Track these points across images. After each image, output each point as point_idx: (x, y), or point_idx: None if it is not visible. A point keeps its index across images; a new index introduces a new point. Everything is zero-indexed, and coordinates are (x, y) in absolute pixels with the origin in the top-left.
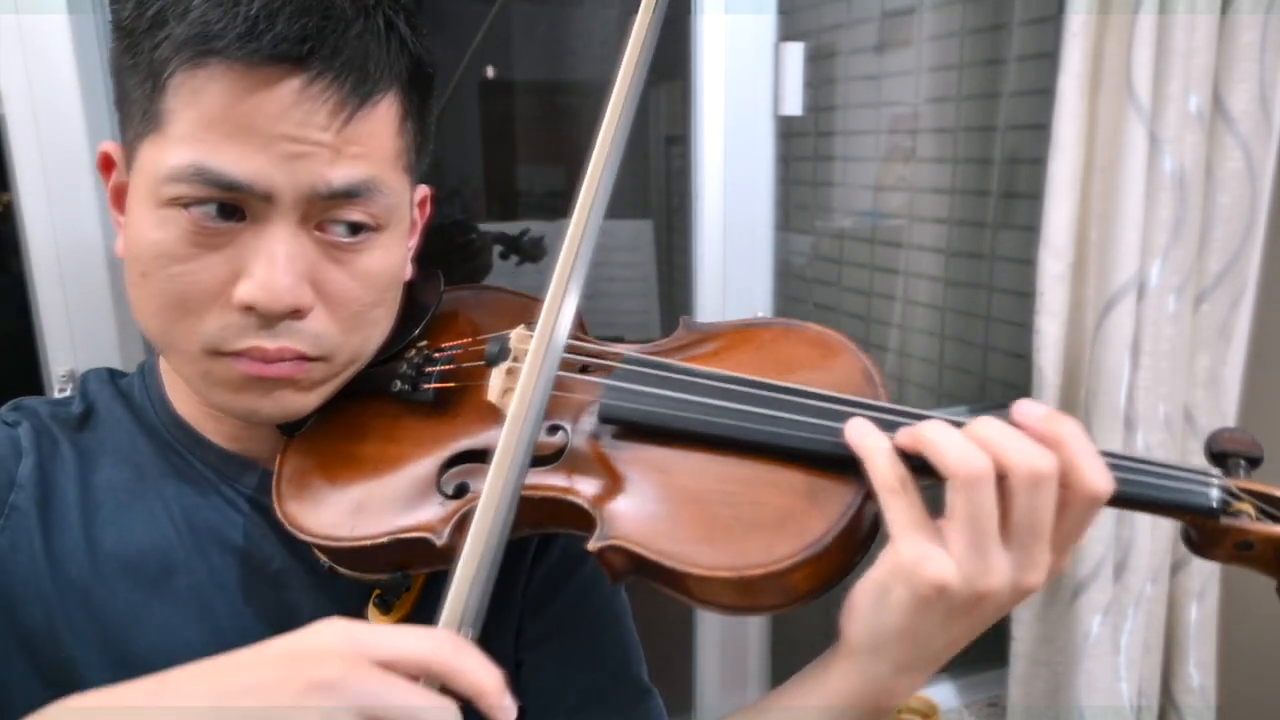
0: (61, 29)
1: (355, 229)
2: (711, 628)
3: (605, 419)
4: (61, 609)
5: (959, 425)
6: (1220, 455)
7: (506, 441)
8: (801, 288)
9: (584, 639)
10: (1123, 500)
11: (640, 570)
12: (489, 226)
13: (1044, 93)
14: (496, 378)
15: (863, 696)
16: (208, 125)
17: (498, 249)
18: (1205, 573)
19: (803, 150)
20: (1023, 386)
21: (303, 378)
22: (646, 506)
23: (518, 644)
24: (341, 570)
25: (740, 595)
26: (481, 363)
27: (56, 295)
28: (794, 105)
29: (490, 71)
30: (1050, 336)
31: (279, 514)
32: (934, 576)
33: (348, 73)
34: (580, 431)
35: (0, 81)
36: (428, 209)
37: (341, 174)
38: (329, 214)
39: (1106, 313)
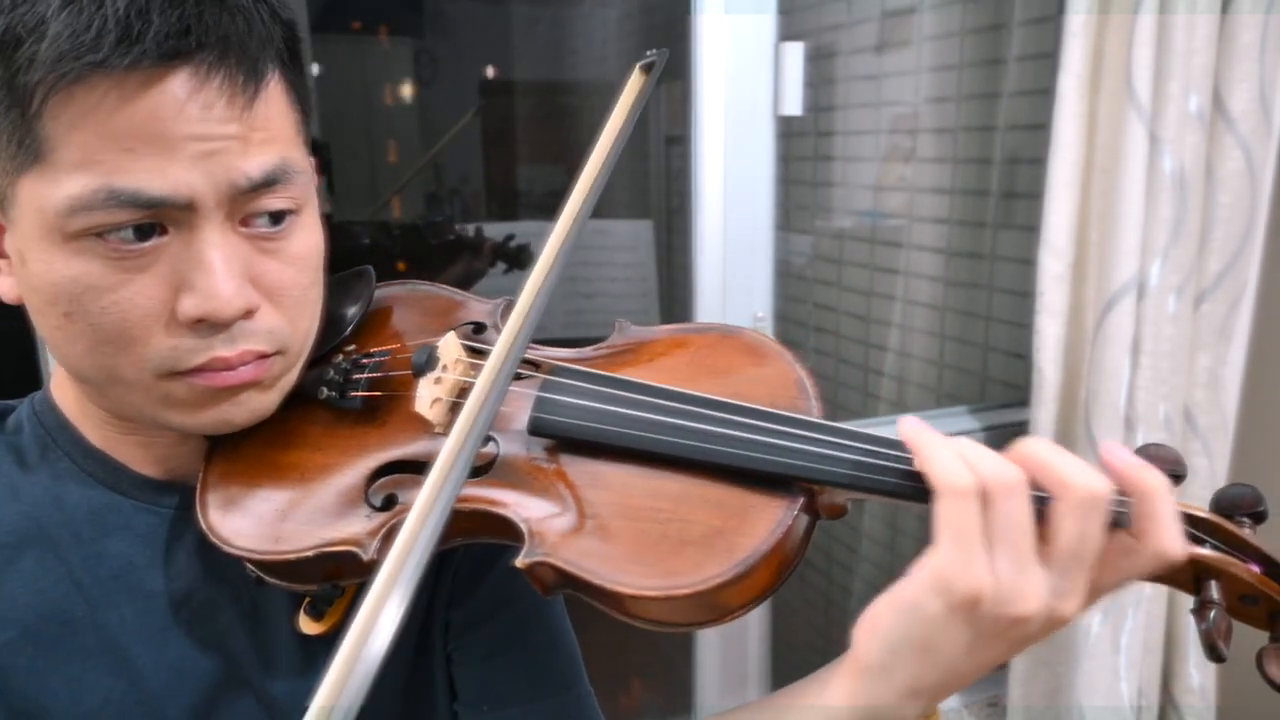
0: None
1: (278, 218)
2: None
3: (534, 432)
4: None
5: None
6: None
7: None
8: (801, 288)
9: (511, 627)
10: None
11: (569, 585)
12: (473, 228)
13: (1044, 93)
14: (424, 388)
15: (862, 718)
16: (103, 144)
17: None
18: None
19: (803, 150)
20: (1023, 386)
21: (265, 377)
22: (575, 522)
23: (447, 635)
24: (270, 580)
25: (668, 613)
26: (409, 372)
27: None
28: (794, 105)
29: (490, 71)
30: (1050, 336)
31: (202, 525)
32: (972, 584)
33: (235, 55)
34: (510, 443)
35: None
36: (316, 180)
37: (256, 163)
38: (251, 207)
39: (1106, 313)
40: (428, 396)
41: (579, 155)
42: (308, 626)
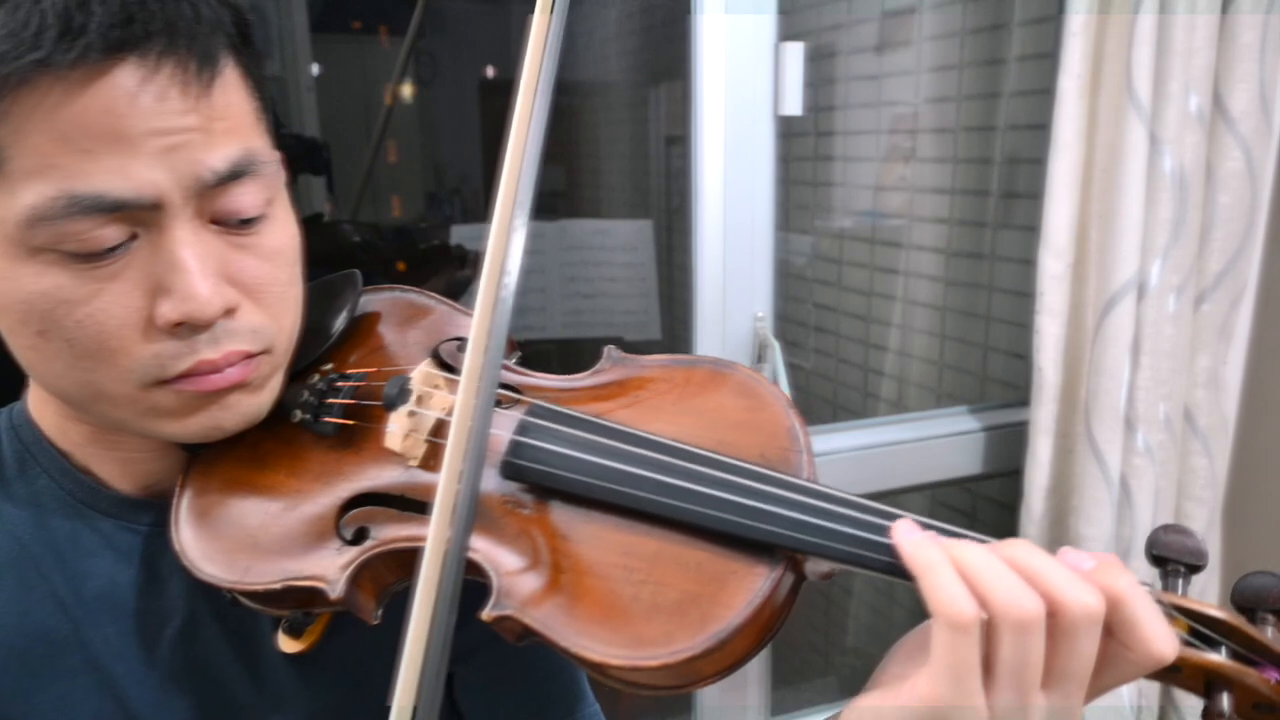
0: None
1: (248, 212)
2: None
3: (508, 476)
4: None
5: (980, 541)
6: (1160, 559)
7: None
8: (801, 288)
9: (509, 654)
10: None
11: (537, 639)
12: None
13: (1044, 93)
14: (395, 423)
15: None
16: (57, 148)
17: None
18: (1205, 574)
19: (803, 150)
20: (1023, 386)
21: (253, 377)
22: (545, 577)
23: (451, 689)
24: (244, 603)
25: (635, 678)
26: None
27: None
28: (794, 105)
29: (490, 71)
30: (1050, 336)
31: (174, 545)
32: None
33: (185, 42)
34: (485, 480)
35: None
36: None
37: (220, 155)
38: (219, 203)
39: (1106, 313)
40: (399, 432)
41: (579, 155)
42: (286, 645)
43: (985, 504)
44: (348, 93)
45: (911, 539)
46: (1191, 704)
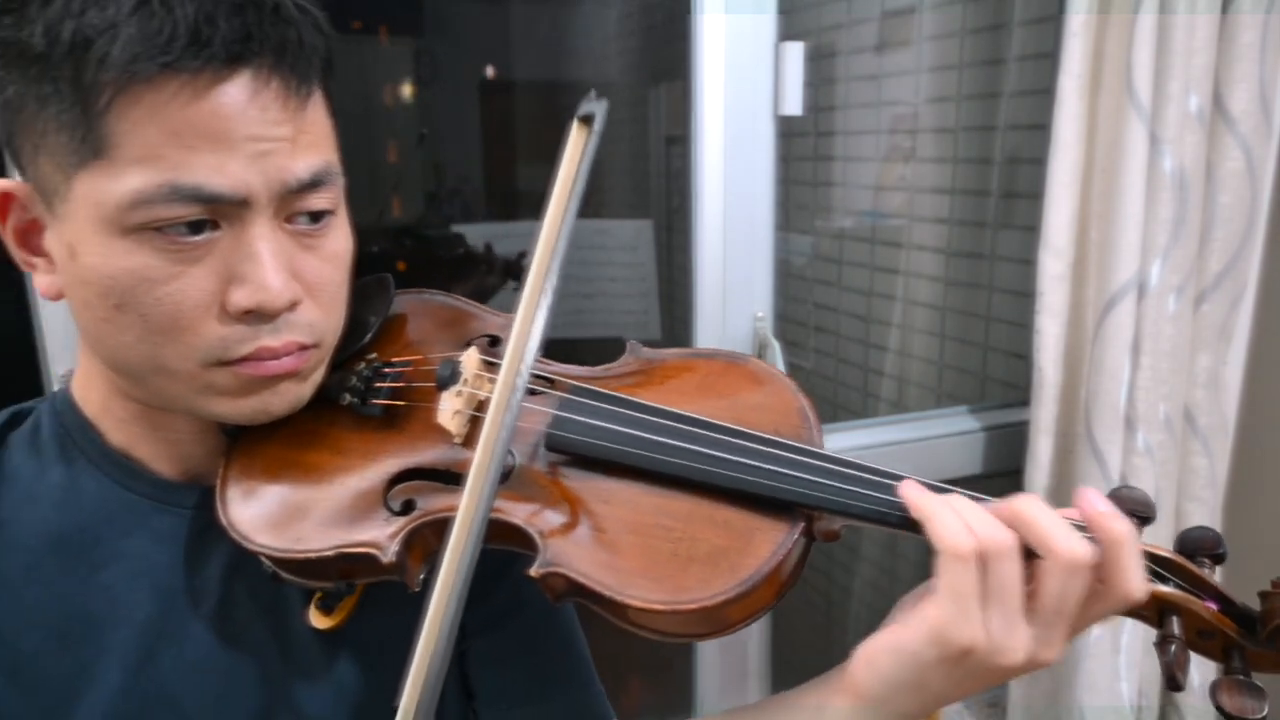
0: None
1: (317, 217)
2: None
3: (552, 448)
4: None
5: (978, 500)
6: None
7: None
8: (801, 288)
9: (526, 630)
10: None
11: (579, 594)
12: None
13: (1044, 93)
14: (447, 401)
15: None
16: (166, 141)
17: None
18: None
19: (803, 150)
20: (1023, 386)
21: (304, 368)
22: (588, 535)
23: (462, 635)
24: (285, 577)
25: (672, 624)
26: (431, 384)
27: None
28: (794, 105)
29: (490, 71)
30: (1050, 336)
31: (223, 521)
32: (966, 638)
33: (290, 62)
34: (527, 455)
35: None
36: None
37: (304, 165)
38: (295, 206)
39: (1106, 313)
40: (449, 409)
41: None
42: (318, 621)
43: None
44: (348, 93)
45: (916, 492)
46: (1191, 704)
